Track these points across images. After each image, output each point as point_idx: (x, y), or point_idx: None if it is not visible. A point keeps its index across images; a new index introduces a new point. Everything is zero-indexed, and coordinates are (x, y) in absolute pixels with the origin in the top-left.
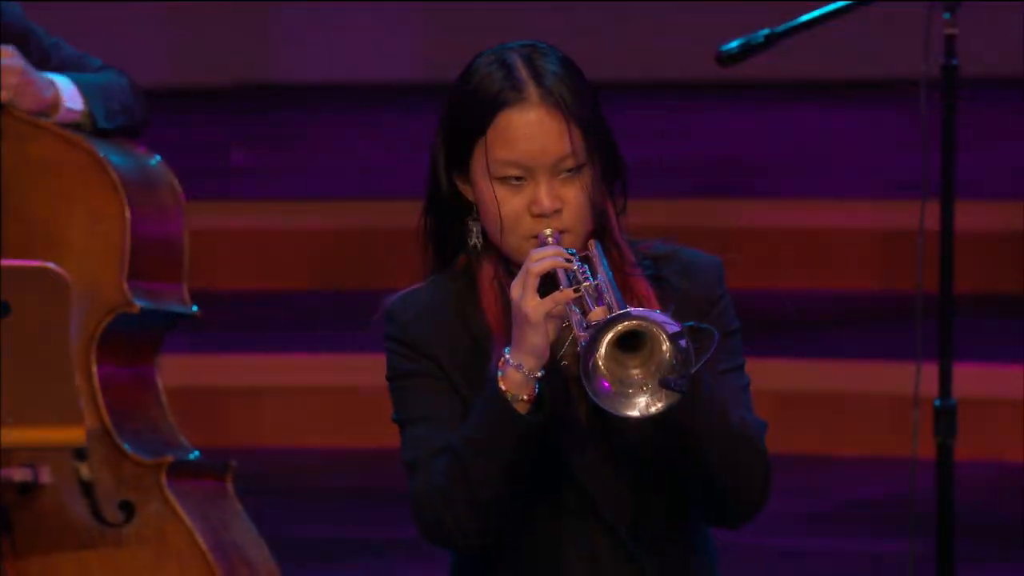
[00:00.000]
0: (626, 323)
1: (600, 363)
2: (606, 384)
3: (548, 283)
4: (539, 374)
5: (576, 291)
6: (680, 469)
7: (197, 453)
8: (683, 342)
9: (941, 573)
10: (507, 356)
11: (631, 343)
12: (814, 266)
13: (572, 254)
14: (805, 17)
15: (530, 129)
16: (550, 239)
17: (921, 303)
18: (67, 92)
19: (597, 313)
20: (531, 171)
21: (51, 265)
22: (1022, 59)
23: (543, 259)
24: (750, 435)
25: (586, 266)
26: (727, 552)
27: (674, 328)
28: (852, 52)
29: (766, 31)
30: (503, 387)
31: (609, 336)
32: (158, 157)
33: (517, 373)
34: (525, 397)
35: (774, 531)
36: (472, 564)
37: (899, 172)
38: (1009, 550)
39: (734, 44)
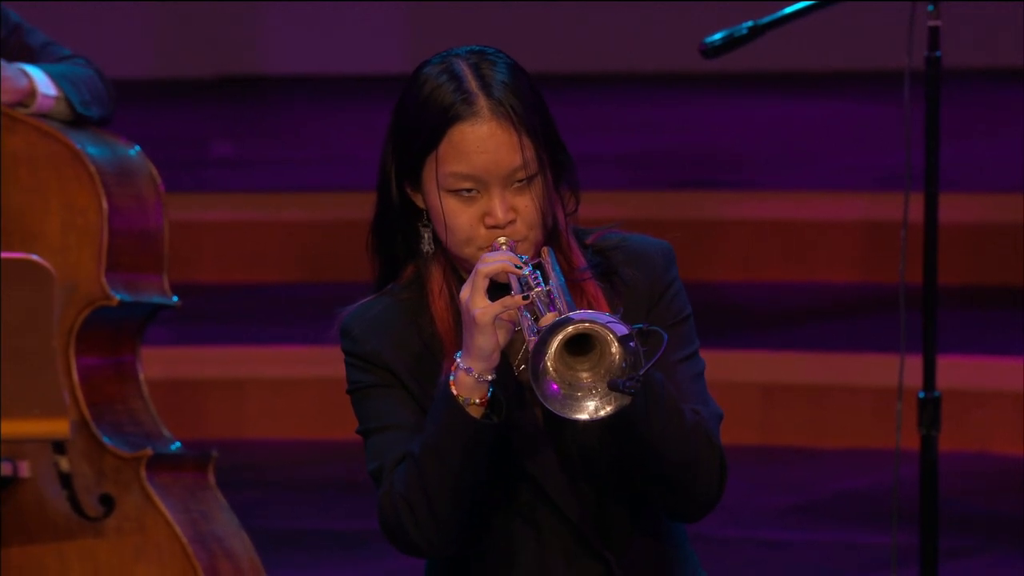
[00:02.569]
0: (573, 327)
1: (549, 366)
2: (554, 387)
3: (502, 291)
4: (490, 377)
5: (526, 297)
6: (636, 467)
7: (178, 444)
8: (632, 344)
9: (924, 564)
10: (458, 360)
11: (581, 347)
12: (797, 258)
13: (524, 260)
14: (789, 9)
15: (482, 143)
16: (504, 248)
17: (905, 295)
18: (40, 80)
19: (548, 319)
20: (484, 183)
21: (35, 257)
22: (1006, 51)
23: (493, 261)
24: (704, 430)
25: (538, 272)
26: (710, 544)
27: (622, 331)
28: (835, 44)
29: (750, 23)
30: (455, 391)
31: (557, 340)
32: (137, 147)
33: (468, 377)
34: (477, 400)
35: (758, 523)
36: (440, 567)
37: (883, 164)
38: (993, 542)
39: (718, 36)
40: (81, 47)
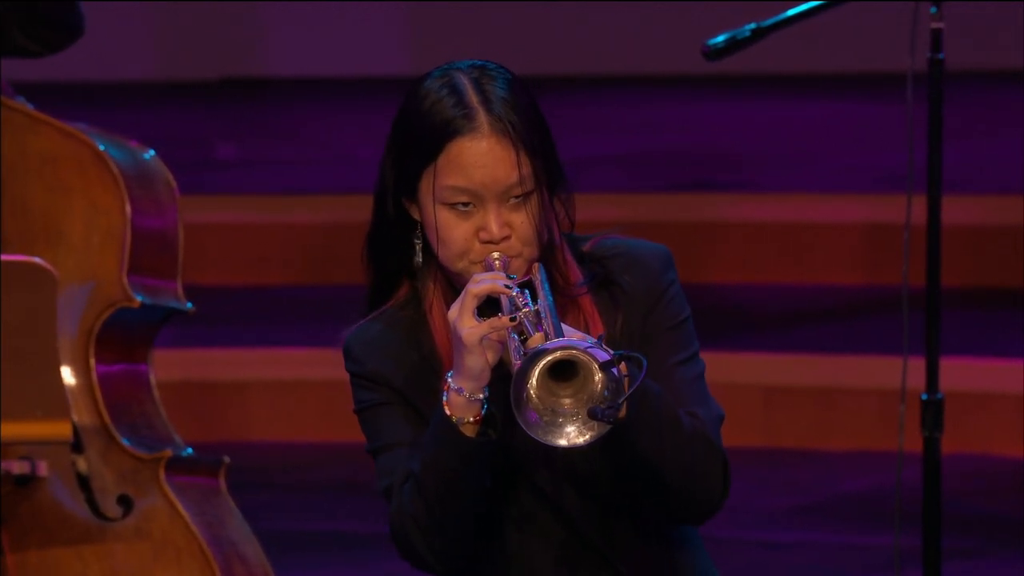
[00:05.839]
0: (550, 356)
1: (532, 394)
2: (534, 415)
3: (494, 308)
4: (481, 396)
5: (513, 318)
6: (639, 475)
7: (190, 450)
8: (614, 371)
9: (927, 566)
10: (449, 380)
11: (566, 372)
12: (798, 260)
13: (512, 279)
14: (792, 11)
15: (481, 158)
16: (497, 263)
17: (908, 297)
18: None
19: (535, 340)
20: (480, 198)
21: (37, 260)
22: (1006, 52)
23: (483, 282)
24: (703, 435)
25: (527, 292)
26: (712, 545)
27: (604, 357)
28: (838, 45)
29: (752, 25)
30: (448, 411)
31: (538, 369)
32: (152, 152)
33: (459, 397)
34: (471, 419)
35: (760, 524)
36: None
37: (885, 166)
38: (995, 544)
39: (720, 38)
40: (83, 48)
